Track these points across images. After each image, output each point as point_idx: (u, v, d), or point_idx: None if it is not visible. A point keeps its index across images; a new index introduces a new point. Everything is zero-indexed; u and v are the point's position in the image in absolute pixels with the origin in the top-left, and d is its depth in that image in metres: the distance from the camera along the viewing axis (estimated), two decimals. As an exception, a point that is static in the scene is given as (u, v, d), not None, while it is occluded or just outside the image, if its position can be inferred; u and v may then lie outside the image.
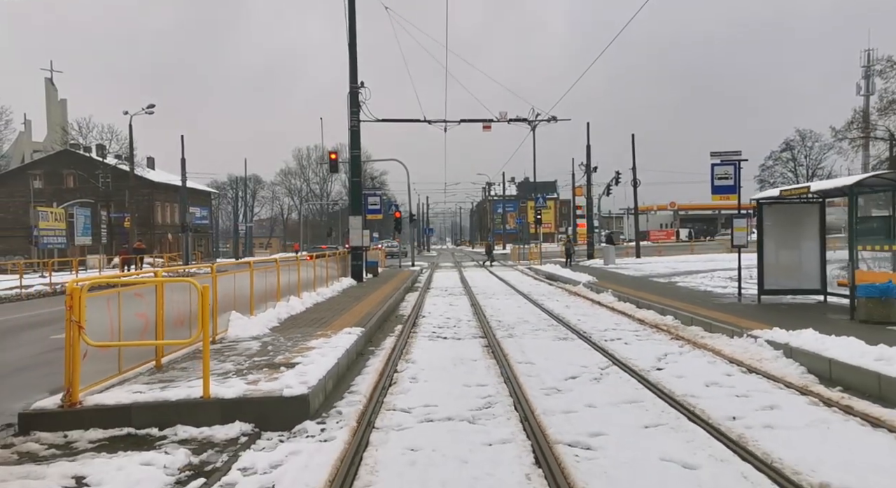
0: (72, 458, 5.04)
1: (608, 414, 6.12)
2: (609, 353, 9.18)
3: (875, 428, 5.50)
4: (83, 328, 5.77)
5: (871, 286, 10.51)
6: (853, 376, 6.86)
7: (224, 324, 9.78)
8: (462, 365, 8.66)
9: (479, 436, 5.49)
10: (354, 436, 5.53)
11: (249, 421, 5.83)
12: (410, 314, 14.51)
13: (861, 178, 11.38)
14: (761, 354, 8.42)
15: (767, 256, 13.85)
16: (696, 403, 6.36)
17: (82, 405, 5.78)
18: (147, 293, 7.45)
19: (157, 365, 7.45)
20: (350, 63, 21.87)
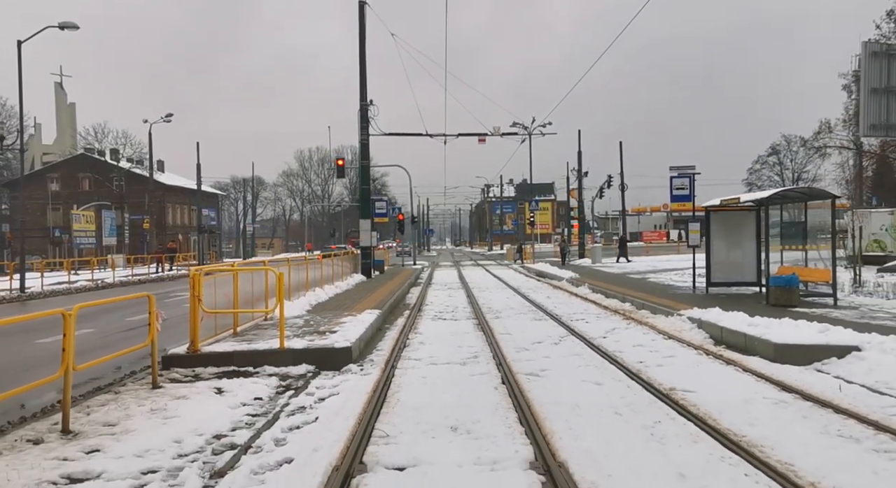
0: (205, 381, 7.84)
1: (556, 361, 8.92)
2: (570, 328, 12.00)
3: (727, 365, 8.31)
4: (201, 301, 8.58)
5: (779, 277, 13.35)
6: (732, 337, 9.66)
7: (272, 306, 12.57)
8: (457, 335, 11.47)
9: (467, 370, 8.31)
10: (384, 372, 8.32)
11: (312, 363, 8.63)
12: (416, 302, 17.33)
13: (772, 193, 14.23)
14: (682, 327, 11.23)
15: (715, 254, 16.62)
16: (620, 355, 9.15)
17: (201, 352, 8.58)
18: (225, 282, 10.24)
19: (234, 332, 10.25)
20: (360, 83, 24.69)
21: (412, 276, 27.56)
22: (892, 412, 5.98)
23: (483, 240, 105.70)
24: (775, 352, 8.44)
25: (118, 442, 5.38)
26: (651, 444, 5.24)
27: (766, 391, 6.99)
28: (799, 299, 13.16)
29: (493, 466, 4.77)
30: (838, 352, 8.15)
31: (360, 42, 24.37)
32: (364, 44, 24.38)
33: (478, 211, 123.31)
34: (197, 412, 6.34)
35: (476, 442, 5.36)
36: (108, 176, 64.70)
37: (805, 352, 8.28)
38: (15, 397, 5.76)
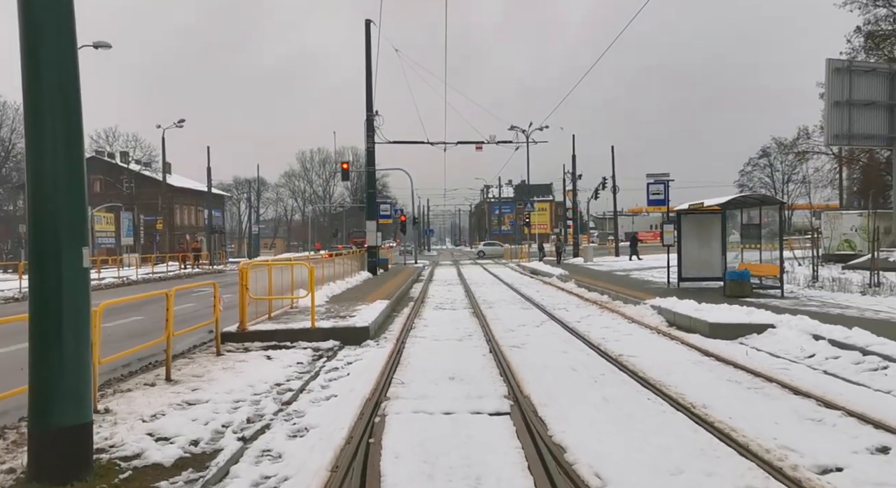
0: (255, 352, 9.90)
1: (535, 338, 10.99)
2: (552, 315, 14.07)
3: (671, 340, 10.40)
4: (248, 288, 10.66)
5: (733, 272, 15.44)
6: (682, 320, 11.73)
7: (300, 295, 14.65)
8: (456, 321, 13.54)
9: (462, 345, 10.39)
10: (396, 345, 10.39)
11: (337, 339, 10.69)
12: (419, 296, 19.42)
13: (729, 199, 16.28)
14: (645, 313, 13.30)
15: (686, 253, 18.67)
16: (587, 334, 11.20)
17: (247, 330, 10.65)
18: (261, 276, 12.29)
19: (269, 316, 12.32)
20: (367, 96, 26.77)
21: (414, 274, 29.63)
22: (775, 367, 8.05)
23: (482, 240, 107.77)
24: (710, 329, 10.52)
25: (209, 384, 7.45)
26: (592, 385, 7.31)
27: (692, 356, 9.08)
28: (751, 291, 15.24)
29: (478, 397, 6.83)
30: (758, 328, 10.22)
31: (366, 57, 26.48)
32: (370, 59, 26.49)
33: (477, 211, 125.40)
34: (257, 370, 8.41)
35: (468, 385, 7.43)
36: (119, 178, 66.88)
37: (732, 329, 10.35)
38: (121, 359, 7.83)
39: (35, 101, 4.52)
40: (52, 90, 4.52)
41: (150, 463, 4.95)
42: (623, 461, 4.72)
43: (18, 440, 5.34)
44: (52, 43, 4.53)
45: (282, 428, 5.88)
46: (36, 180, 4.56)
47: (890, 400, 6.42)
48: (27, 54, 4.52)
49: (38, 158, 4.55)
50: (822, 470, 4.48)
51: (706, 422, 5.70)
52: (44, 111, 4.52)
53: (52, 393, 4.51)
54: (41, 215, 4.56)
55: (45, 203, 4.54)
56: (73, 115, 4.63)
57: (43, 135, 4.52)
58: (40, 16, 4.51)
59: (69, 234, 4.60)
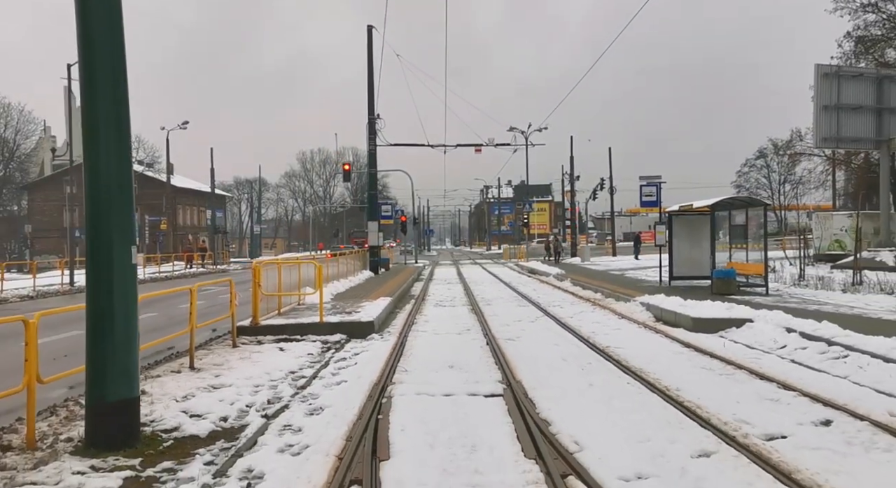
0: (268, 344, 10.62)
1: (529, 332, 11.71)
2: (546, 311, 14.79)
3: (656, 333, 11.12)
4: (261, 285, 11.38)
5: (720, 271, 16.17)
6: (668, 315, 12.44)
7: (306, 292, 15.37)
8: (455, 317, 14.26)
9: (461, 338, 11.11)
10: (399, 338, 11.10)
11: (344, 333, 11.41)
12: (420, 293, 20.14)
13: (716, 201, 17.00)
14: (634, 309, 14.02)
15: (677, 252, 19.39)
16: (579, 329, 11.91)
17: (260, 324, 11.36)
18: (271, 275, 13.01)
19: (278, 312, 13.04)
20: (368, 100, 27.49)
21: (415, 273, 30.36)
22: (748, 356, 8.78)
23: (482, 240, 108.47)
24: (693, 324, 11.24)
25: (229, 372, 8.16)
26: (579, 373, 8.03)
27: (673, 347, 9.80)
28: (737, 289, 15.95)
29: (475, 382, 7.55)
30: (737, 323, 10.94)
31: (368, 62, 27.18)
32: (372, 64, 27.18)
33: (477, 211, 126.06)
34: (272, 360, 9.13)
35: (466, 373, 8.15)
36: (122, 178, 67.47)
37: (713, 324, 11.07)
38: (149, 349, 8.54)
39: (92, 123, 5.26)
40: (108, 115, 5.27)
41: (188, 435, 5.67)
42: (599, 432, 5.44)
43: (69, 416, 6.06)
44: (108, 83, 5.26)
45: (299, 408, 6.60)
46: (93, 190, 5.29)
47: (844, 383, 7.14)
48: (86, 84, 5.24)
49: (94, 173, 5.29)
50: (768, 438, 5.19)
51: (676, 402, 6.42)
52: (99, 134, 5.25)
53: (106, 372, 5.24)
54: (97, 219, 5.28)
55: (100, 209, 5.27)
56: (124, 135, 5.37)
57: (98, 155, 5.26)
58: (97, 56, 5.23)
59: (120, 235, 5.33)
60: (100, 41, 5.23)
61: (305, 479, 4.45)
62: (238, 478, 4.62)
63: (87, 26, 5.21)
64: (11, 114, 65.78)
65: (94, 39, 5.23)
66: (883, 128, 24.98)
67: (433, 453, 5.07)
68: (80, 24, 5.22)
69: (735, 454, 4.83)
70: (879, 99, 24.99)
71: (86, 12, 5.20)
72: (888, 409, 5.92)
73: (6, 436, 5.37)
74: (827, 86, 24.42)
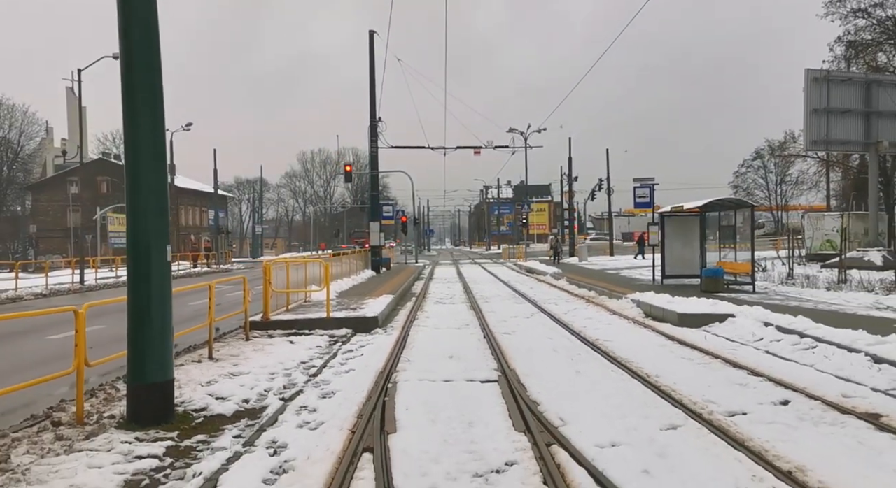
0: (279, 337, 11.30)
1: (524, 327, 12.40)
2: (542, 308, 15.48)
3: (644, 328, 11.81)
4: (271, 282, 12.06)
5: (709, 270, 16.85)
6: (657, 311, 13.13)
7: (312, 289, 16.07)
8: (454, 313, 14.95)
9: (461, 332, 11.79)
10: (402, 332, 11.79)
11: (350, 328, 12.09)
12: (421, 292, 20.83)
13: (706, 203, 17.68)
14: (626, 306, 14.70)
15: (669, 252, 20.07)
16: (572, 324, 12.59)
17: (270, 319, 12.05)
18: (279, 274, 13.69)
19: (287, 308, 13.72)
20: (370, 103, 28.17)
21: (415, 272, 31.04)
22: (727, 348, 9.46)
23: (482, 241, 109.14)
24: (679, 319, 11.92)
25: (246, 362, 8.85)
26: (568, 362, 8.72)
27: (659, 340, 10.49)
28: (725, 287, 16.65)
29: (473, 370, 8.24)
30: (720, 318, 11.62)
31: (370, 67, 27.87)
32: (373, 68, 27.88)
33: (476, 212, 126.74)
34: (283, 351, 9.81)
35: (464, 362, 8.83)
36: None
37: (698, 319, 11.75)
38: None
39: (135, 145, 6.01)
40: (147, 139, 6.00)
41: (215, 414, 6.35)
42: (582, 410, 6.12)
43: (108, 397, 6.74)
44: (148, 98, 5.96)
45: (313, 392, 7.28)
46: (133, 201, 6.02)
47: (809, 371, 7.82)
48: (127, 99, 5.93)
49: (135, 187, 6.05)
50: (730, 414, 5.88)
51: (654, 386, 7.11)
52: (140, 156, 5.99)
53: (145, 357, 5.92)
54: (137, 225, 6.01)
55: (139, 217, 6.00)
56: (160, 155, 6.10)
57: (139, 172, 6.02)
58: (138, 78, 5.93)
59: (157, 236, 6.02)
60: (139, 66, 5.92)
61: (324, 447, 5.13)
62: (265, 447, 5.31)
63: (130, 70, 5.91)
64: (16, 115, 66.41)
65: (134, 63, 5.92)
66: (871, 131, 25.63)
67: (435, 427, 5.75)
68: (124, 73, 5.93)
69: (698, 426, 5.51)
70: (868, 102, 25.64)
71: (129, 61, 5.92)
72: (842, 392, 6.60)
73: (56, 414, 6.05)
74: (816, 90, 25.07)
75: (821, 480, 4.20)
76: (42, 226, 68.81)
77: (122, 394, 6.83)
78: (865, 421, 5.60)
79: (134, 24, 5.92)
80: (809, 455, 4.69)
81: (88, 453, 4.96)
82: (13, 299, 20.30)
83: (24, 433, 5.44)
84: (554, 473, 4.54)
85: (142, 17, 5.94)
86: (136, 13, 5.92)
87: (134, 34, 5.93)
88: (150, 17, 5.98)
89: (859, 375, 7.34)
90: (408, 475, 4.55)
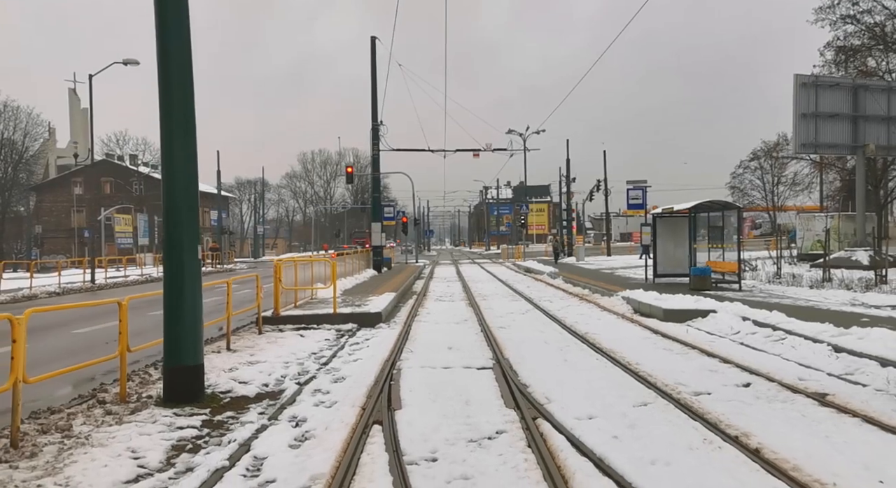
0: (289, 331, 12.08)
1: (519, 322, 13.17)
2: (537, 305, 16.26)
3: (631, 323, 12.59)
4: (281, 280, 12.84)
5: (697, 268, 17.63)
6: (645, 308, 13.91)
7: (320, 286, 16.85)
8: (454, 310, 15.73)
9: (459, 326, 12.58)
10: (404, 327, 12.57)
11: (355, 323, 12.87)
12: (421, 290, 21.62)
13: (694, 205, 18.46)
14: (616, 303, 15.49)
15: (660, 252, 20.83)
16: (564, 319, 13.37)
17: (281, 315, 12.83)
18: (288, 272, 14.47)
19: (295, 304, 14.50)
20: (372, 107, 28.97)
21: (416, 272, 31.83)
22: (705, 340, 10.24)
23: (481, 241, 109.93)
24: (664, 314, 12.70)
25: (261, 352, 9.63)
26: (558, 352, 9.50)
27: (643, 333, 11.27)
28: (711, 285, 17.43)
29: (470, 359, 9.02)
30: (703, 313, 12.40)
31: (371, 72, 28.66)
32: (375, 74, 28.67)
33: (476, 212, 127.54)
34: (294, 343, 10.59)
35: (462, 352, 9.61)
36: (129, 180, 69.14)
37: (682, 314, 12.53)
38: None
39: (169, 161, 6.79)
40: (180, 149, 6.78)
41: (239, 395, 7.13)
42: (566, 392, 6.90)
43: (143, 381, 7.52)
44: (181, 108, 6.75)
45: (325, 378, 8.06)
46: (169, 208, 6.78)
47: (776, 359, 8.60)
48: (164, 114, 6.72)
49: (170, 196, 6.81)
50: (696, 394, 6.66)
51: (633, 372, 7.89)
52: (175, 171, 6.76)
53: (179, 344, 6.70)
54: (172, 230, 6.78)
55: (173, 222, 6.76)
56: (192, 170, 6.87)
57: (174, 184, 6.79)
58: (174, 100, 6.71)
59: (189, 237, 6.80)
60: (177, 96, 6.71)
61: (339, 420, 5.91)
62: (287, 421, 6.09)
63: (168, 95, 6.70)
64: (20, 116, 67.15)
65: (172, 83, 6.70)
66: (858, 135, 26.39)
67: (435, 405, 6.53)
68: (162, 96, 6.72)
69: (666, 403, 6.30)
70: (855, 107, 26.40)
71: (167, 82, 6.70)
72: (799, 376, 7.39)
73: (100, 394, 6.83)
74: (805, 94, 25.84)
75: (760, 442, 4.98)
76: (46, 227, 69.58)
77: (154, 378, 7.63)
78: (812, 399, 6.38)
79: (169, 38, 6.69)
80: (756, 424, 5.47)
81: (137, 424, 5.74)
82: (29, 297, 21.06)
83: (77, 409, 6.21)
84: (537, 439, 5.32)
85: (177, 34, 6.70)
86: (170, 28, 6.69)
87: (171, 52, 6.70)
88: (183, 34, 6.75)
89: (819, 363, 8.12)
90: (412, 441, 5.33)
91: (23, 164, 71.71)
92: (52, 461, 4.76)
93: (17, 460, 4.74)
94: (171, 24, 6.74)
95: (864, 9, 31.28)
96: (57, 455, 4.88)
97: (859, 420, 5.64)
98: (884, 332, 8.74)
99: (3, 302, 19.78)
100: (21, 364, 4.92)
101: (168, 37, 6.73)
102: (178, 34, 6.76)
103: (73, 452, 4.94)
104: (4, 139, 63.21)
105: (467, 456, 4.98)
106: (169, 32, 6.73)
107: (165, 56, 6.71)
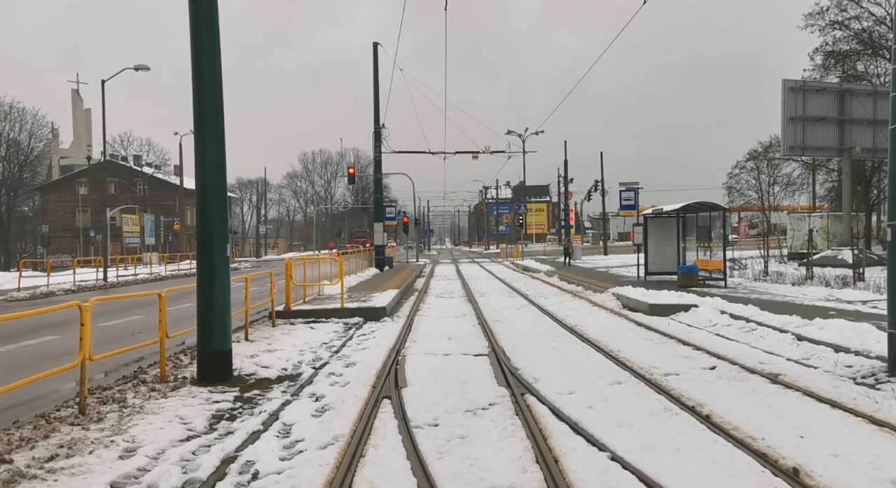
0: (300, 325, 12.99)
1: (514, 316, 14.09)
2: (532, 301, 17.18)
3: (618, 316, 13.51)
4: (292, 277, 13.76)
5: (684, 266, 18.55)
6: (632, 303, 14.81)
7: (327, 283, 17.76)
8: (453, 305, 16.65)
9: (458, 320, 13.49)
10: (407, 320, 13.48)
11: (361, 316, 13.78)
12: (422, 288, 22.54)
13: (681, 206, 19.38)
14: (607, 299, 16.40)
15: (651, 251, 21.74)
16: (556, 314, 14.27)
17: (292, 309, 13.74)
18: (297, 269, 15.37)
19: (304, 300, 15.41)
20: (374, 110, 29.88)
21: (417, 270, 32.74)
22: (684, 331, 11.15)
23: (481, 240, 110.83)
24: (650, 309, 13.61)
25: (277, 342, 10.54)
26: (548, 342, 10.41)
27: (628, 325, 12.19)
28: (697, 282, 18.34)
29: (468, 347, 9.94)
30: (685, 308, 13.31)
31: (374, 76, 29.57)
32: (377, 78, 29.57)
33: (476, 212, 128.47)
34: (306, 335, 11.51)
35: (460, 342, 10.53)
36: (133, 180, 70.04)
37: (667, 309, 13.43)
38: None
39: (203, 171, 7.70)
40: (212, 159, 7.69)
41: (263, 377, 8.04)
42: (552, 373, 7.81)
43: (177, 365, 8.44)
44: (212, 121, 7.66)
45: (337, 363, 8.97)
46: (202, 209, 7.70)
47: (744, 347, 9.50)
48: (198, 125, 7.63)
49: (203, 199, 7.71)
50: (665, 374, 7.57)
51: (614, 357, 8.81)
52: (207, 171, 7.66)
53: (211, 330, 7.62)
54: (204, 229, 7.69)
55: (206, 222, 7.67)
56: (222, 178, 7.78)
57: (206, 189, 7.69)
58: (207, 117, 7.62)
59: (219, 237, 7.72)
60: (208, 101, 7.62)
61: (353, 396, 6.82)
62: (308, 396, 7.01)
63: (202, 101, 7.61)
64: (26, 117, 68.01)
65: (205, 95, 7.62)
66: (845, 138, 27.31)
67: (436, 384, 7.44)
68: (196, 102, 7.62)
69: (637, 382, 7.22)
70: (842, 111, 27.32)
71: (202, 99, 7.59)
72: (760, 360, 8.30)
73: (141, 375, 7.75)
74: (793, 99, 26.76)
75: (711, 410, 5.89)
76: (51, 227, 70.45)
77: (186, 363, 8.55)
78: (766, 378, 7.30)
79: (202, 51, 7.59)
80: (711, 397, 6.38)
81: (179, 398, 6.66)
82: (47, 294, 21.95)
83: (125, 387, 7.13)
84: (524, 409, 6.23)
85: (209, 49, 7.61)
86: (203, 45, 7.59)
87: (204, 65, 7.60)
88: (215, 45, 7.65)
89: (781, 349, 9.04)
90: (417, 410, 6.24)
91: (28, 165, 72.75)
92: (115, 424, 5.67)
93: (88, 424, 5.65)
94: (205, 44, 7.63)
95: (852, 15, 32.22)
96: (119, 420, 5.80)
97: (800, 393, 6.55)
98: (841, 323, 9.66)
99: (23, 298, 20.70)
100: (87, 344, 5.83)
101: (201, 59, 7.62)
102: (212, 62, 7.65)
103: (132, 418, 5.85)
104: (10, 140, 64.15)
105: (464, 421, 5.89)
106: (203, 57, 7.62)
107: (201, 91, 7.63)
